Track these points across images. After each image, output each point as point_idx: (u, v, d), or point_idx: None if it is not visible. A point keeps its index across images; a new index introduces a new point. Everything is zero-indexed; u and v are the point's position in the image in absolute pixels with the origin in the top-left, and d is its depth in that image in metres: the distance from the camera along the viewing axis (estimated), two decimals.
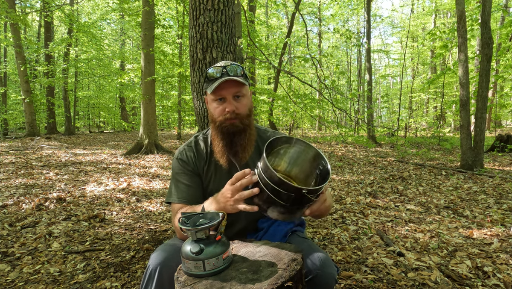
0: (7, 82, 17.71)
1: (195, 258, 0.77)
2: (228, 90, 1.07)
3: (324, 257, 0.97)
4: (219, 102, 1.09)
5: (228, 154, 1.12)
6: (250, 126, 1.13)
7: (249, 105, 1.13)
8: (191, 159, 1.18)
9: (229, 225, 1.17)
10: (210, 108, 1.14)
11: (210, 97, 1.11)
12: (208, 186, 1.19)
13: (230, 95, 1.07)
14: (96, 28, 13.58)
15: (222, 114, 1.09)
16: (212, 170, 1.19)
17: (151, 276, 0.94)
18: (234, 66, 1.08)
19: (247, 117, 1.11)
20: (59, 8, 10.03)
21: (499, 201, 3.52)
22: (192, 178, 1.16)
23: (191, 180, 1.16)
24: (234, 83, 1.07)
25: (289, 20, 11.27)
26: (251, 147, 1.14)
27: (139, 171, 5.48)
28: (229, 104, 1.07)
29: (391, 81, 29.84)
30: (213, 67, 1.08)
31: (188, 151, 1.20)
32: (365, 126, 9.76)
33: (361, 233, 2.56)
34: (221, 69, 1.06)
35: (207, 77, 1.09)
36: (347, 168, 6.07)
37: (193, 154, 1.19)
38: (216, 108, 1.10)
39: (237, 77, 1.06)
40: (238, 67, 1.08)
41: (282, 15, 21.20)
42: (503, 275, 1.83)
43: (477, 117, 5.47)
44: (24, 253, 2.17)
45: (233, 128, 1.09)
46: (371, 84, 11.15)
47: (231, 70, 1.06)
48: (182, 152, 1.20)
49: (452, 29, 7.71)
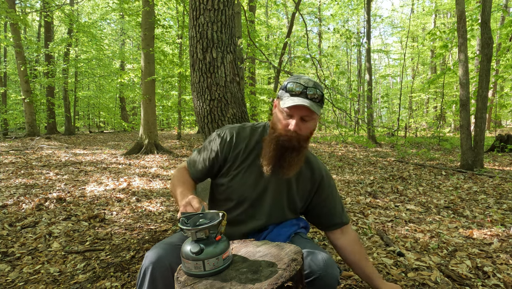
0: (7, 82, 17.70)
1: (195, 258, 0.77)
2: (299, 112, 1.07)
3: (328, 258, 0.97)
4: (286, 117, 1.09)
5: (274, 164, 1.13)
6: (305, 148, 1.14)
7: (312, 129, 1.14)
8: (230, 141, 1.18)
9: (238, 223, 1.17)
10: (275, 116, 1.15)
11: (280, 105, 1.11)
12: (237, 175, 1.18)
13: (299, 116, 1.07)
14: (96, 28, 13.58)
15: (284, 129, 1.09)
16: (247, 164, 1.18)
17: (144, 275, 0.94)
18: (315, 90, 1.06)
19: (305, 140, 1.12)
20: (59, 8, 10.03)
21: (499, 201, 3.52)
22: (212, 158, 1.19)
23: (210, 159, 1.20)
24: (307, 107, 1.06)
25: (289, 20, 11.26)
26: (298, 167, 1.15)
27: (139, 171, 5.48)
28: (295, 124, 1.07)
29: (391, 81, 29.84)
30: (294, 82, 1.08)
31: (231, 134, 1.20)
32: (365, 126, 9.76)
33: (361, 233, 2.56)
34: (302, 88, 1.06)
35: (286, 88, 1.09)
36: (347, 168, 6.07)
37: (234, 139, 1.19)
38: (281, 121, 1.10)
39: (313, 102, 1.06)
40: (319, 92, 1.07)
41: (282, 15, 21.20)
42: (503, 275, 1.83)
43: (477, 117, 5.47)
44: (24, 253, 2.17)
45: (288, 144, 1.09)
46: (371, 84, 11.15)
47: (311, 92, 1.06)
48: (225, 132, 1.20)
49: (452, 29, 7.72)
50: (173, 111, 12.53)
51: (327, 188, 1.24)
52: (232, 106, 2.17)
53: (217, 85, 2.13)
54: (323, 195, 1.23)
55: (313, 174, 1.23)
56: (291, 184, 1.20)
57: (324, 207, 1.24)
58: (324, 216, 1.24)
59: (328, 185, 1.24)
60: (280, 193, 1.18)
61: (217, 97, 2.13)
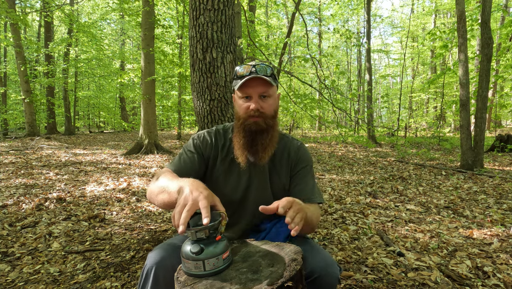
0: (7, 82, 17.70)
1: (195, 258, 0.77)
2: (255, 89, 1.06)
3: (328, 258, 0.97)
4: (245, 100, 1.09)
5: (248, 152, 1.11)
6: (274, 127, 1.13)
7: (274, 106, 1.12)
8: (206, 142, 1.18)
9: (232, 225, 1.17)
10: (236, 106, 1.14)
11: (237, 94, 1.11)
12: (218, 178, 1.17)
13: (256, 94, 1.07)
14: (96, 28, 13.59)
15: (246, 111, 1.08)
16: (226, 165, 1.17)
17: (147, 276, 0.94)
18: (263, 66, 1.07)
19: (271, 118, 1.11)
20: (59, 8, 10.03)
21: (499, 201, 3.52)
22: (195, 158, 1.15)
23: (193, 158, 1.15)
24: (262, 82, 1.06)
25: (289, 20, 11.26)
26: (271, 148, 1.13)
27: (139, 171, 5.47)
28: (254, 103, 1.06)
29: (391, 81, 29.85)
30: (242, 66, 1.08)
31: (207, 135, 1.20)
32: (365, 126, 9.76)
33: (361, 233, 2.56)
34: (250, 68, 1.06)
35: (236, 75, 1.09)
36: (347, 168, 6.07)
37: (210, 140, 1.19)
38: (241, 106, 1.10)
39: (265, 77, 1.05)
40: (267, 67, 1.08)
41: (282, 15, 21.20)
42: (503, 275, 1.83)
43: (477, 117, 5.47)
44: (24, 253, 2.17)
45: (255, 127, 1.08)
46: (371, 84, 11.15)
47: (260, 70, 1.06)
48: (200, 135, 1.20)
49: (452, 29, 7.71)
50: (173, 111, 12.54)
51: (302, 167, 1.20)
52: (232, 106, 2.17)
53: (217, 85, 2.13)
54: (299, 173, 1.19)
55: (289, 155, 1.21)
56: (272, 174, 1.18)
57: (297, 184, 1.18)
58: (294, 193, 1.17)
59: (304, 164, 1.20)
60: (263, 188, 1.17)
61: (217, 97, 2.13)
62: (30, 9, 12.29)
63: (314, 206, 1.10)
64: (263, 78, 1.05)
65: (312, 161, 1.24)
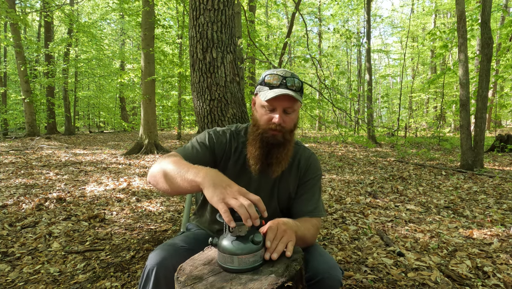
0: (7, 82, 17.71)
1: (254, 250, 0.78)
2: (281, 103, 1.03)
3: (330, 260, 0.97)
4: (268, 111, 1.06)
5: (262, 164, 1.09)
6: (291, 142, 1.11)
7: (296, 121, 1.10)
8: (221, 141, 1.15)
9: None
10: (256, 113, 1.10)
11: (259, 101, 1.07)
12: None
13: (281, 107, 1.04)
14: (96, 28, 13.59)
15: (267, 123, 1.05)
16: (237, 169, 1.15)
17: (148, 277, 0.94)
18: (293, 80, 1.03)
19: (290, 133, 1.08)
20: (59, 8, 10.03)
21: (499, 201, 3.52)
22: (207, 154, 1.12)
23: (205, 153, 1.11)
24: (289, 97, 1.03)
25: (289, 20, 11.26)
26: (286, 162, 1.11)
27: (139, 171, 5.48)
28: (279, 118, 1.03)
29: (391, 81, 29.85)
30: (271, 74, 1.04)
31: (223, 134, 1.17)
32: (365, 126, 9.76)
33: (361, 233, 2.56)
34: (281, 79, 1.03)
35: (264, 82, 1.05)
36: (347, 168, 6.07)
37: (226, 140, 1.16)
38: (263, 116, 1.06)
39: (294, 92, 1.02)
40: (295, 79, 1.04)
41: (282, 15, 21.21)
42: (503, 275, 1.83)
43: (477, 117, 5.47)
44: (24, 253, 2.17)
45: (274, 140, 1.06)
46: (371, 84, 11.15)
47: (290, 84, 1.03)
48: (217, 131, 1.17)
49: (452, 29, 7.72)
50: (173, 111, 12.55)
51: (311, 178, 1.18)
52: (232, 106, 2.17)
53: (217, 85, 2.13)
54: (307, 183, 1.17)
55: (300, 163, 1.19)
56: (281, 181, 1.16)
57: (303, 194, 1.16)
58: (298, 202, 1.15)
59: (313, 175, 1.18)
60: (270, 196, 1.16)
61: (217, 97, 2.13)
62: (30, 9, 12.29)
63: (312, 221, 1.08)
64: (292, 96, 1.02)
65: (321, 172, 1.22)
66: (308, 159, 1.20)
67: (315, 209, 1.13)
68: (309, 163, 1.19)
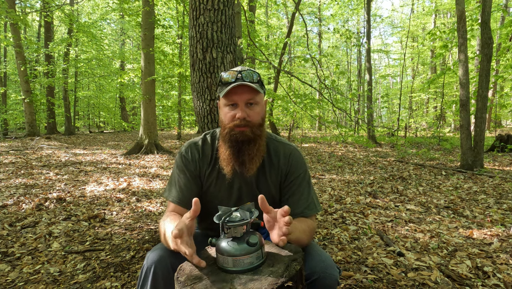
0: (7, 82, 17.72)
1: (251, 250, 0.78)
2: (241, 96, 1.02)
3: (327, 259, 0.97)
4: (231, 108, 1.04)
5: (234, 163, 1.07)
6: (261, 136, 1.07)
7: (262, 114, 1.07)
8: (195, 158, 1.14)
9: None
10: (221, 114, 1.09)
11: (222, 102, 1.06)
12: (208, 190, 1.15)
13: (243, 101, 1.02)
14: (96, 28, 13.58)
15: (232, 120, 1.03)
16: (214, 176, 1.14)
17: (146, 275, 0.94)
18: (249, 72, 1.02)
19: (258, 127, 1.05)
20: (59, 8, 10.03)
21: (499, 201, 3.52)
22: (190, 180, 1.12)
23: (188, 182, 1.12)
24: (248, 89, 1.01)
25: (289, 20, 11.26)
26: (259, 159, 1.08)
27: (139, 171, 5.48)
28: (240, 111, 1.02)
29: (391, 81, 29.86)
30: (228, 72, 1.03)
31: (194, 149, 1.15)
32: (365, 126, 9.77)
33: (361, 233, 2.56)
34: (236, 74, 1.01)
35: (221, 81, 1.04)
36: (347, 168, 6.07)
37: (198, 154, 1.14)
38: (227, 114, 1.05)
39: (252, 83, 1.01)
40: (254, 73, 1.03)
41: (282, 15, 21.21)
42: (503, 275, 1.83)
43: (477, 117, 5.47)
44: (24, 253, 2.17)
45: (242, 137, 1.03)
46: (371, 84, 11.15)
47: (247, 76, 1.01)
48: (187, 149, 1.15)
49: (452, 29, 7.71)
50: (173, 111, 12.54)
51: (296, 177, 1.13)
52: None
53: (217, 85, 2.13)
54: (292, 183, 1.13)
55: (279, 163, 1.14)
56: (260, 183, 1.14)
57: (291, 195, 1.12)
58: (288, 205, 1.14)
59: (297, 174, 1.13)
60: (254, 197, 1.11)
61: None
62: (30, 9, 12.29)
63: (306, 222, 1.05)
64: (249, 85, 1.01)
65: (306, 166, 1.17)
66: (288, 157, 1.14)
67: (306, 208, 1.09)
68: (290, 162, 1.14)
